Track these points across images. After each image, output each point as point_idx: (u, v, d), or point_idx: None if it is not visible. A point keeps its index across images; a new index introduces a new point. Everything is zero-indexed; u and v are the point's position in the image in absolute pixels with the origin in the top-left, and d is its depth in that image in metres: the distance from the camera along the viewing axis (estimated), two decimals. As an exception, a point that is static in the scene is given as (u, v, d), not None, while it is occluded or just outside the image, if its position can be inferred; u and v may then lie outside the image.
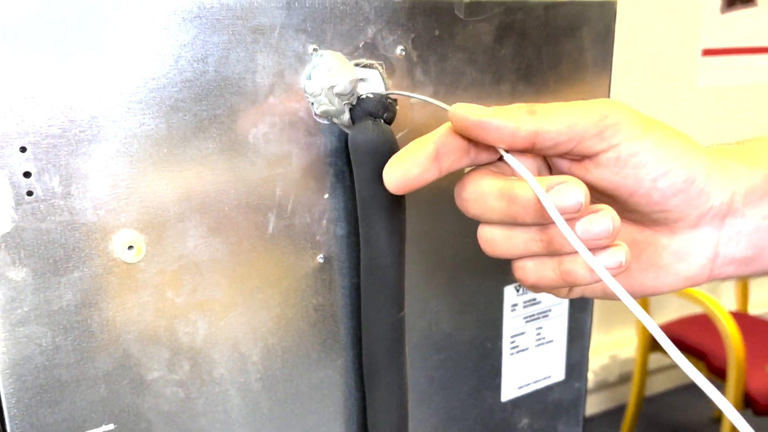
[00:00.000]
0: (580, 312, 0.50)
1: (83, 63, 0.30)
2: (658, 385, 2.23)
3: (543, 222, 0.29)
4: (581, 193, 0.27)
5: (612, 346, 2.14)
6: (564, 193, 0.27)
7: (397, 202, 0.37)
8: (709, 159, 0.31)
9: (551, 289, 0.33)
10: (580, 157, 0.31)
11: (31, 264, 0.31)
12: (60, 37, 0.29)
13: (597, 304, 1.85)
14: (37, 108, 0.29)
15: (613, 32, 0.45)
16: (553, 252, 0.30)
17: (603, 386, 2.14)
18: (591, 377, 2.10)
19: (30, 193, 0.30)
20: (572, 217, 0.28)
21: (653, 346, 1.90)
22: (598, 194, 0.32)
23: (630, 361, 2.09)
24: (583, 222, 0.28)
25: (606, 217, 0.28)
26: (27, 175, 0.30)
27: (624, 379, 2.15)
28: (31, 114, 0.29)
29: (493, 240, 0.32)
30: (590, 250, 0.28)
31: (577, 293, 0.35)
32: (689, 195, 0.31)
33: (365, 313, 0.38)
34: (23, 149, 0.29)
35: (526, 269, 0.32)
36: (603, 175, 0.31)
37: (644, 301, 1.84)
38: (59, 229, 0.31)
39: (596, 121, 0.30)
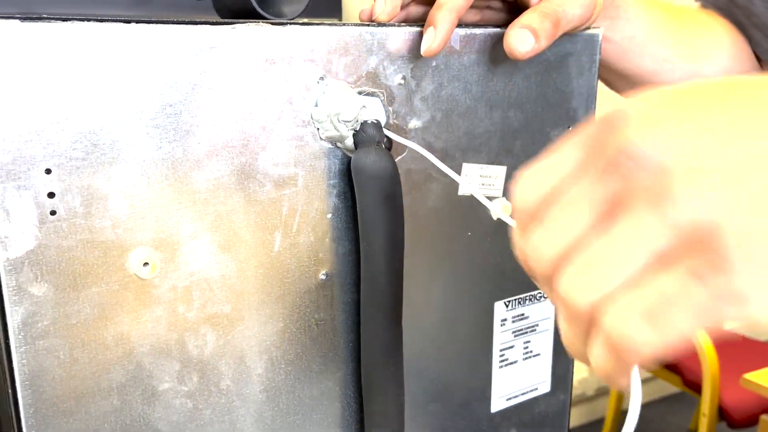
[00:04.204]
0: (565, 327, 0.52)
1: (107, 90, 0.32)
2: (635, 398, 2.26)
3: None
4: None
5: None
6: None
7: (396, 222, 0.39)
8: None
9: None
10: None
11: (53, 280, 0.32)
12: (86, 65, 0.31)
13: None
14: (62, 132, 0.31)
15: (598, 62, 0.48)
16: None
17: (581, 400, 2.17)
18: (570, 391, 2.13)
19: (53, 213, 0.32)
20: None
21: (630, 360, 1.93)
22: None
23: (608, 374, 2.12)
24: None
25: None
26: (51, 195, 0.31)
27: (602, 392, 2.18)
28: (56, 138, 0.31)
29: None
30: None
31: None
32: None
33: (364, 328, 0.40)
34: (48, 171, 0.31)
35: None
36: None
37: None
38: (80, 246, 0.32)
39: None
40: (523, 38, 0.39)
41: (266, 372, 0.39)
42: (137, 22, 0.32)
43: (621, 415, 1.98)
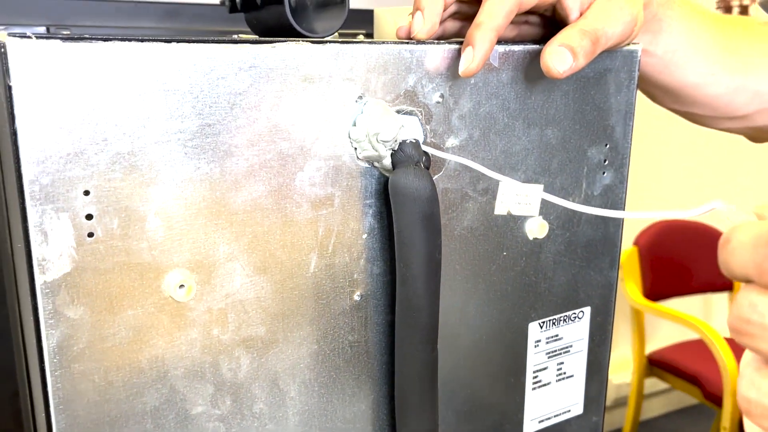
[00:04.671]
0: (599, 347, 0.51)
1: (146, 110, 0.31)
2: (653, 409, 2.24)
3: None
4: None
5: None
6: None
7: (434, 244, 0.38)
8: None
9: None
10: None
11: (89, 303, 0.32)
12: (125, 85, 0.30)
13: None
14: (101, 153, 0.31)
15: (636, 79, 0.47)
16: None
17: (598, 410, 2.15)
18: (586, 401, 2.10)
19: (91, 235, 0.31)
20: None
21: (649, 371, 1.91)
22: None
23: (624, 385, 2.10)
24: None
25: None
26: (89, 217, 0.31)
27: (619, 403, 2.15)
28: (96, 159, 0.30)
29: None
30: None
31: None
32: None
33: (399, 352, 0.39)
34: (87, 192, 0.31)
35: None
36: None
37: (640, 326, 1.85)
38: (116, 269, 0.32)
39: None
40: (560, 56, 0.38)
41: (299, 395, 0.39)
42: (178, 41, 0.31)
43: (638, 427, 1.96)
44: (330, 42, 0.35)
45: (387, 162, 0.37)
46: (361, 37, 0.57)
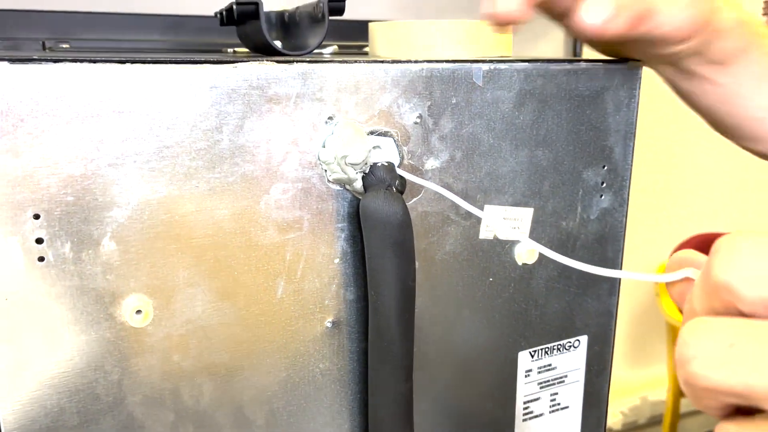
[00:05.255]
0: (597, 377, 0.49)
1: (100, 132, 0.30)
2: (689, 429, 2.16)
3: None
4: None
5: (642, 387, 2.09)
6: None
7: (406, 271, 0.36)
8: None
9: None
10: None
11: (40, 328, 0.31)
12: (78, 107, 0.30)
13: (626, 340, 1.75)
14: (52, 176, 0.30)
15: (638, 97, 0.44)
16: None
17: (633, 428, 2.08)
18: (620, 418, 2.04)
19: (41, 259, 0.30)
20: None
21: (685, 390, 1.84)
22: None
23: (659, 403, 2.03)
24: None
25: None
26: (39, 241, 0.30)
27: (654, 421, 2.08)
28: (46, 182, 0.30)
29: None
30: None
31: None
32: None
33: (372, 382, 0.38)
34: (37, 216, 0.30)
35: None
36: None
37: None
38: (69, 293, 0.31)
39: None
40: (599, 5, 0.33)
41: (267, 424, 0.37)
42: (132, 62, 0.30)
43: (673, 447, 1.89)
44: (297, 61, 0.34)
45: (358, 185, 0.36)
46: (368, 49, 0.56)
